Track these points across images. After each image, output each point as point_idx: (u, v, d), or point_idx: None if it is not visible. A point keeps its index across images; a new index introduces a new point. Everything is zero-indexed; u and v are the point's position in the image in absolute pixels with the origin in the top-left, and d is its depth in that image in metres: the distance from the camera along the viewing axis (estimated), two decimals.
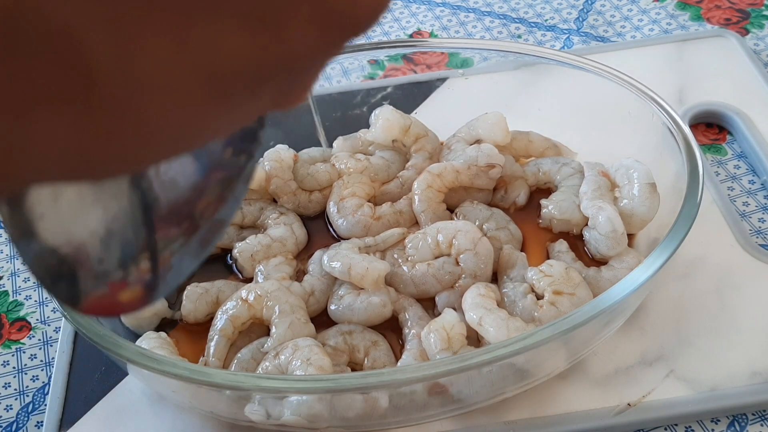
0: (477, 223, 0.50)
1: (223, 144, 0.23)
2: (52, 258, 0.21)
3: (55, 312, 0.54)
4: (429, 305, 0.48)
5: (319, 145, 0.57)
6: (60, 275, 0.21)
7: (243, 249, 0.50)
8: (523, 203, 0.53)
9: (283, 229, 0.52)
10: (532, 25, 0.71)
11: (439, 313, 0.45)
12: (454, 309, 0.45)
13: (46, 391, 0.49)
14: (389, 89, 0.62)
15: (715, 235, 0.51)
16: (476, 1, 0.74)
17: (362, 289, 0.47)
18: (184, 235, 0.23)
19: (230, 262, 0.52)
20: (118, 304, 0.22)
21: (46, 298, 0.55)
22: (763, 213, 0.54)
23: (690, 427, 0.44)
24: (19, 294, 0.55)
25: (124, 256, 0.22)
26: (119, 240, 0.22)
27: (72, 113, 0.16)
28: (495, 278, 0.48)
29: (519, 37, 0.70)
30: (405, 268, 0.48)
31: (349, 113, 0.60)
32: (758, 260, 0.50)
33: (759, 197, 0.55)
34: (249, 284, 0.48)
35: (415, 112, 0.60)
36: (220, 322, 0.46)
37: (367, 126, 0.56)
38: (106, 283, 0.22)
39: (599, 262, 0.49)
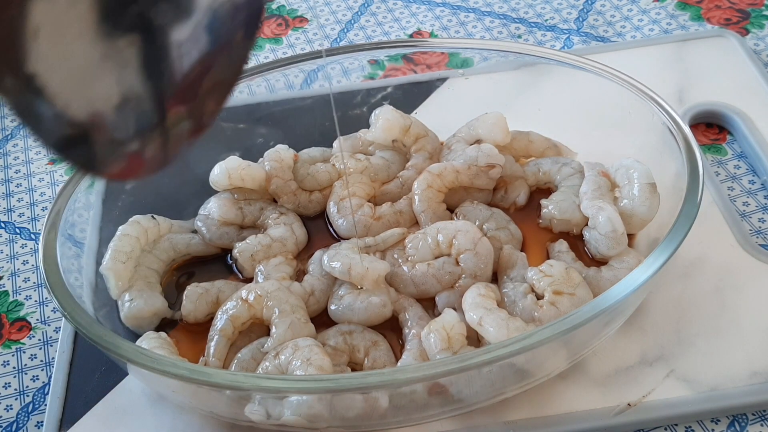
0: (477, 223, 0.50)
1: (233, 21, 0.24)
2: (62, 121, 0.21)
3: (55, 312, 0.54)
4: (429, 305, 0.48)
5: (328, 145, 0.57)
6: (73, 140, 0.21)
7: (243, 249, 0.50)
8: (523, 203, 0.53)
9: (283, 229, 0.52)
10: (532, 25, 0.71)
11: (439, 313, 0.45)
12: (454, 309, 0.45)
13: (46, 391, 0.49)
14: (389, 89, 0.62)
15: (715, 235, 0.51)
16: (476, 1, 0.74)
17: (362, 288, 0.47)
18: (189, 117, 0.24)
19: (230, 262, 0.52)
20: (130, 172, 0.24)
21: (46, 298, 0.55)
22: (763, 213, 0.54)
23: (690, 427, 0.44)
24: (19, 294, 0.55)
25: (139, 127, 0.23)
26: (134, 109, 0.22)
27: None
28: (495, 278, 0.48)
29: (519, 37, 0.70)
30: (405, 268, 0.48)
31: (349, 113, 0.60)
32: (758, 260, 0.50)
33: (759, 197, 0.55)
34: (249, 284, 0.48)
35: (415, 112, 0.60)
36: (220, 322, 0.46)
37: (367, 126, 0.56)
38: (122, 152, 0.23)
39: (599, 262, 0.49)
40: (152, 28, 0.22)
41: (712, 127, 0.60)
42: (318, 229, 0.54)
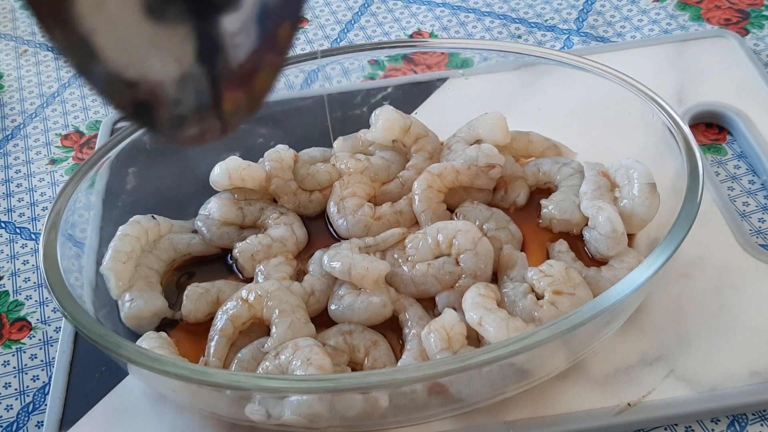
0: (477, 223, 0.50)
1: (278, 15, 0.25)
2: (121, 83, 0.22)
3: (55, 312, 0.54)
4: (429, 305, 0.48)
5: (328, 145, 0.57)
6: (137, 105, 0.23)
7: (243, 249, 0.51)
8: (523, 203, 0.53)
9: (283, 229, 0.52)
10: (532, 25, 0.71)
11: (439, 313, 0.45)
12: (454, 309, 0.45)
13: (46, 391, 0.49)
14: (389, 89, 0.62)
15: (715, 235, 0.52)
16: (476, 1, 0.74)
17: (362, 288, 0.47)
18: (244, 103, 0.26)
19: (230, 262, 0.52)
20: (191, 141, 0.26)
21: (47, 298, 0.55)
22: (763, 213, 0.54)
23: (690, 427, 0.44)
24: (20, 294, 0.55)
25: (199, 104, 0.24)
26: (193, 87, 0.24)
27: None
28: (495, 278, 0.48)
29: (519, 37, 0.70)
30: (405, 268, 0.48)
31: (349, 113, 0.60)
32: (758, 260, 0.50)
33: (759, 197, 0.55)
34: (249, 284, 0.48)
35: (415, 112, 0.60)
36: (220, 321, 0.46)
37: (368, 126, 0.56)
38: (183, 127, 0.25)
39: (599, 262, 0.49)
40: (206, 13, 0.23)
41: (712, 127, 0.60)
42: (318, 229, 0.54)
